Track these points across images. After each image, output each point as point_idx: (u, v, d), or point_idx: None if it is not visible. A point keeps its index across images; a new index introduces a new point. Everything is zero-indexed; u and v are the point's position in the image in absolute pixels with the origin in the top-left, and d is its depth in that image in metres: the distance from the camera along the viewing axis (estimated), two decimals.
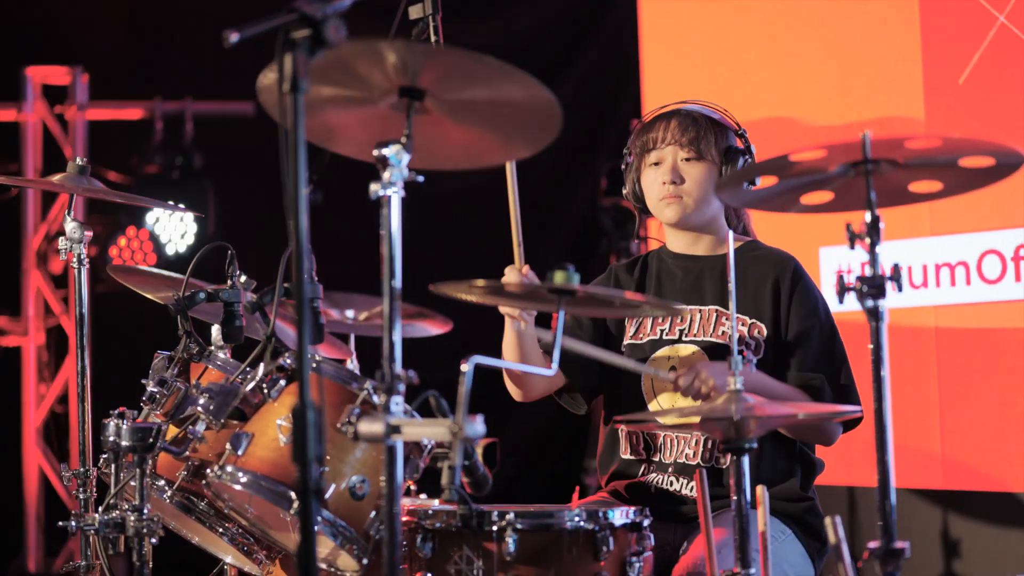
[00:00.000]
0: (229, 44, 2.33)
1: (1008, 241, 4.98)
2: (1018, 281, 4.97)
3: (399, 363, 2.62)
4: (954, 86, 5.11)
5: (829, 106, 5.49)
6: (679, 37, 6.06)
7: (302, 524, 2.31)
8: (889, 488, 2.66)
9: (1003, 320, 5.03)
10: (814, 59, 5.56)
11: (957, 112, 5.10)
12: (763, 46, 5.73)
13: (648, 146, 3.65)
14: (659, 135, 3.64)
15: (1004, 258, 5.01)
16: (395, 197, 2.66)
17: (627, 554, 3.05)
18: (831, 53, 5.51)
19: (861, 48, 5.41)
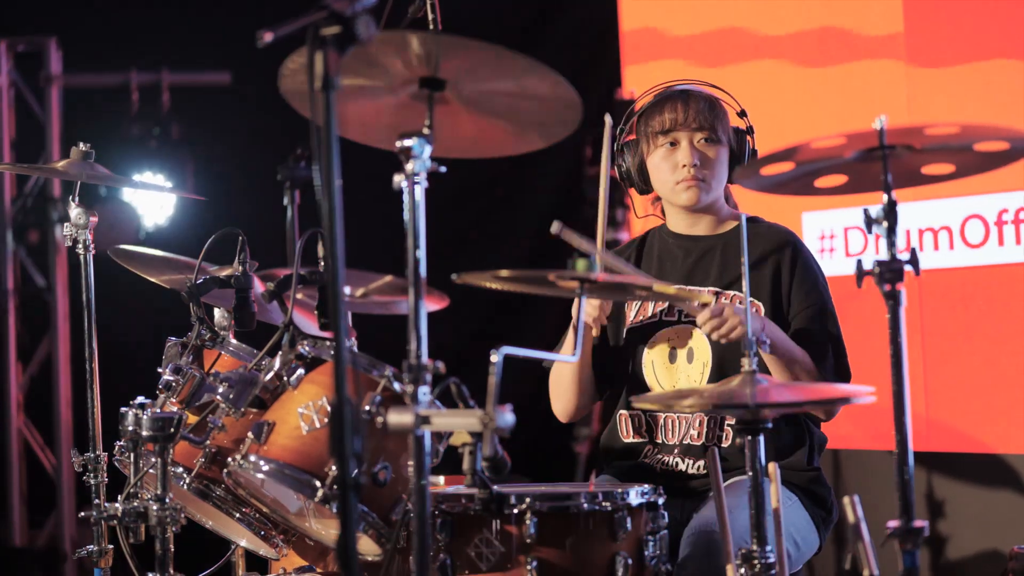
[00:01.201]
0: (264, 44, 2.33)
1: (991, 206, 5.04)
2: (1001, 245, 5.04)
3: (425, 353, 2.64)
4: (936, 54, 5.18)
5: (809, 72, 5.53)
6: (659, 4, 6.09)
7: (342, 518, 2.33)
8: (908, 467, 2.70)
9: (986, 284, 5.09)
10: (795, 22, 5.59)
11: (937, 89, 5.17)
12: (745, 15, 5.76)
13: (662, 127, 3.64)
14: (677, 117, 3.62)
15: (987, 223, 5.07)
16: (418, 188, 2.67)
17: (643, 533, 3.09)
18: (812, 16, 5.55)
19: (843, 14, 5.46)
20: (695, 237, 3.75)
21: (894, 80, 5.29)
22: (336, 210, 2.37)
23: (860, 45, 5.40)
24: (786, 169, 2.81)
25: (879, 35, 5.35)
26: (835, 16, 5.48)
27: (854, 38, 5.42)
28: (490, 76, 2.74)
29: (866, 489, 4.96)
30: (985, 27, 5.08)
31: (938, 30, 5.19)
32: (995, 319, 5.10)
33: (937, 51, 5.19)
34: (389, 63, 2.70)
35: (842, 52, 5.45)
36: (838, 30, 5.47)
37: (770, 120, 4.66)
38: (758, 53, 5.68)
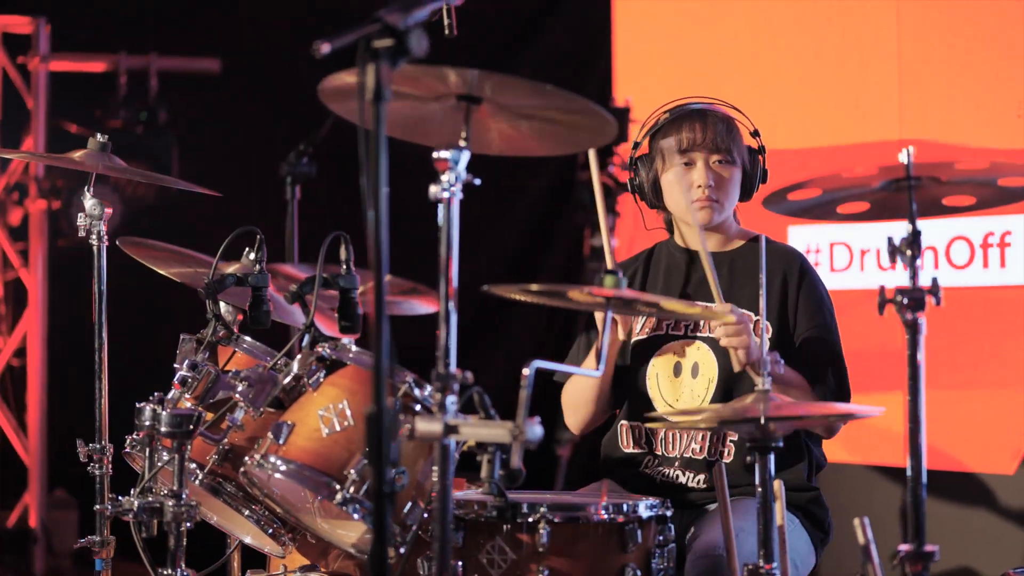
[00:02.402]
0: (321, 55, 2.35)
1: (977, 228, 5.12)
2: (985, 268, 5.11)
3: (454, 362, 2.67)
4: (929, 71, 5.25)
5: (803, 82, 5.59)
6: (652, 11, 6.13)
7: (376, 526, 2.36)
8: (920, 492, 2.76)
9: (969, 306, 5.17)
10: (789, 34, 5.65)
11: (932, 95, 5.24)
12: (738, 23, 5.81)
13: (681, 146, 3.68)
14: (694, 137, 3.66)
15: (973, 245, 5.14)
16: (454, 199, 2.71)
17: (652, 546, 3.14)
18: (807, 27, 5.60)
19: (837, 25, 5.52)
20: None
21: (886, 90, 5.35)
22: (382, 221, 2.39)
23: (854, 52, 5.47)
24: (812, 195, 2.86)
25: (873, 43, 5.41)
26: (830, 24, 5.54)
27: (849, 47, 5.48)
28: (526, 99, 2.78)
29: (846, 503, 5.05)
30: (978, 43, 5.16)
31: (931, 44, 5.26)
32: (976, 340, 5.18)
33: (929, 65, 5.26)
34: (428, 81, 2.73)
35: (836, 60, 5.52)
36: (833, 38, 5.54)
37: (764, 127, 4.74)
38: (751, 61, 5.74)
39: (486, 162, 4.82)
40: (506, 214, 6.75)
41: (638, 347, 3.74)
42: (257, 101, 6.83)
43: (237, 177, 6.38)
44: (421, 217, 3.32)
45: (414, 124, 2.96)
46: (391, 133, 2.99)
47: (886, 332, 5.29)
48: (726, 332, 3.43)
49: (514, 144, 3.05)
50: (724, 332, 3.43)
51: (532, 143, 3.06)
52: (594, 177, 3.55)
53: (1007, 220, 5.05)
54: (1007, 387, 5.09)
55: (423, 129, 2.94)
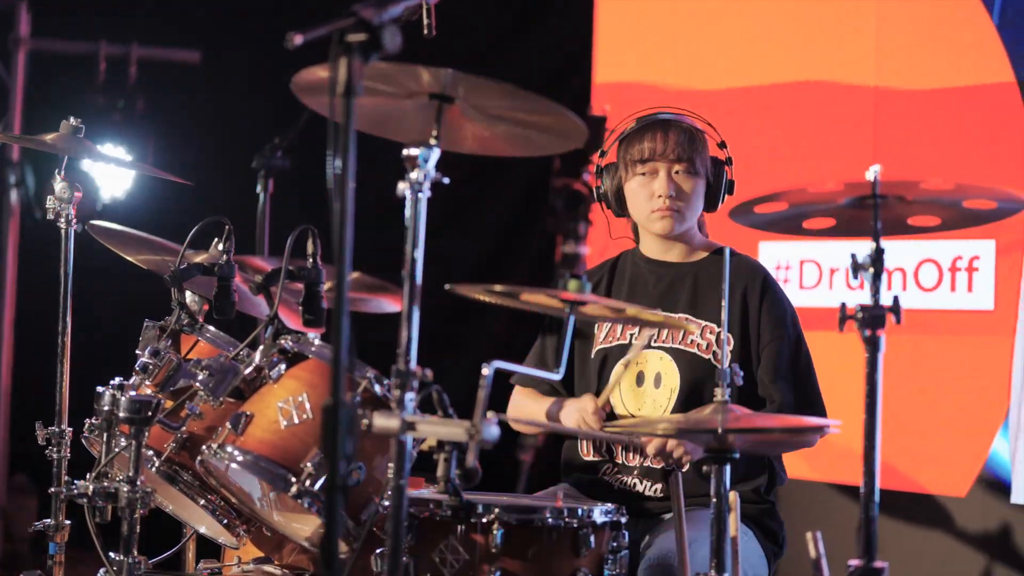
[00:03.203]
0: (293, 47, 2.35)
1: (946, 252, 5.15)
2: (953, 291, 5.14)
3: (414, 359, 2.68)
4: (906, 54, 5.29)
5: (782, 88, 5.62)
6: (634, 17, 6.15)
7: (328, 519, 2.36)
8: (873, 509, 2.77)
9: (934, 328, 5.20)
10: (768, 40, 5.68)
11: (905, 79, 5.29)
12: (719, 36, 5.83)
13: (641, 156, 3.70)
14: (656, 146, 3.68)
15: (941, 268, 5.17)
16: (422, 197, 2.71)
17: (605, 551, 3.15)
18: (785, 34, 5.63)
19: (818, 31, 5.55)
20: (667, 263, 3.81)
21: (863, 117, 5.39)
22: (348, 214, 2.39)
23: (833, 64, 5.50)
24: (779, 209, 2.87)
25: (852, 71, 5.45)
26: (812, 43, 5.57)
27: (831, 74, 5.51)
28: (496, 101, 2.79)
29: (802, 519, 5.07)
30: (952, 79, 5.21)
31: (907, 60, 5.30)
32: (939, 363, 5.20)
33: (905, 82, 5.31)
34: (401, 79, 2.74)
35: (817, 79, 5.55)
36: (812, 50, 5.57)
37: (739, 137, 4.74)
38: (731, 73, 5.76)
39: (462, 164, 4.80)
40: (481, 217, 6.76)
41: (601, 355, 3.75)
42: (236, 94, 6.82)
43: (213, 168, 6.38)
44: (394, 215, 3.34)
45: (388, 120, 2.96)
46: (364, 128, 3.02)
47: (852, 350, 5.34)
48: (661, 460, 3.51)
49: (486, 145, 3.06)
50: (659, 461, 3.52)
51: (503, 145, 3.07)
52: None
53: (976, 245, 5.08)
54: (966, 412, 5.12)
55: (396, 126, 2.95)
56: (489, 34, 6.80)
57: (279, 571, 3.31)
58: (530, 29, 6.82)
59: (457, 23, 6.41)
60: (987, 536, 5.07)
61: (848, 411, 5.21)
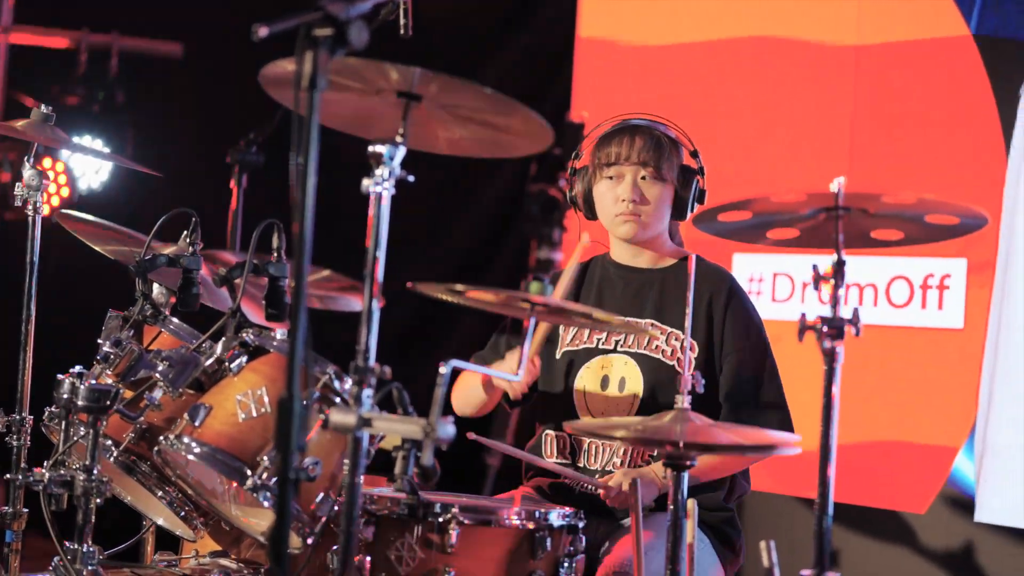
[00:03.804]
0: (259, 39, 2.35)
1: (918, 269, 5.17)
2: (923, 309, 5.16)
3: (373, 356, 2.68)
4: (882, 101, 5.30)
5: (760, 109, 5.64)
6: (615, 29, 6.16)
7: (278, 512, 2.36)
8: (826, 520, 2.78)
9: (904, 345, 5.22)
10: (747, 59, 5.70)
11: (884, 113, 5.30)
12: (697, 47, 5.85)
13: (608, 160, 3.72)
14: (622, 151, 3.70)
15: (913, 285, 5.19)
16: (385, 194, 2.71)
17: (561, 554, 3.15)
18: (765, 58, 5.65)
19: (796, 53, 5.57)
20: (636, 269, 3.82)
21: (839, 136, 5.41)
22: (309, 208, 2.40)
23: (812, 75, 5.52)
24: (743, 217, 2.88)
25: (829, 93, 5.47)
26: (790, 56, 5.60)
27: (807, 70, 5.54)
28: (464, 103, 2.79)
29: (766, 531, 5.08)
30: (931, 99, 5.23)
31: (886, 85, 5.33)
32: (908, 380, 5.23)
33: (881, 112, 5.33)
34: (369, 75, 2.74)
35: (793, 80, 5.57)
36: (791, 62, 5.59)
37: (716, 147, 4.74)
38: (710, 78, 5.78)
39: (438, 167, 4.81)
40: (457, 220, 6.77)
41: (567, 358, 3.76)
42: (216, 88, 6.81)
43: (192, 162, 6.37)
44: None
45: (358, 118, 2.96)
46: (334, 125, 3.02)
47: (821, 361, 5.36)
48: (616, 504, 3.53)
49: (454, 145, 3.06)
50: (615, 504, 3.53)
51: (471, 146, 3.07)
52: None
53: (948, 263, 5.10)
54: (930, 429, 5.15)
55: (366, 124, 2.95)
56: (470, 40, 6.81)
57: (235, 565, 3.30)
58: (513, 32, 6.83)
59: (440, 25, 6.44)
60: (949, 553, 5.09)
61: (811, 420, 5.25)
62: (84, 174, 6.67)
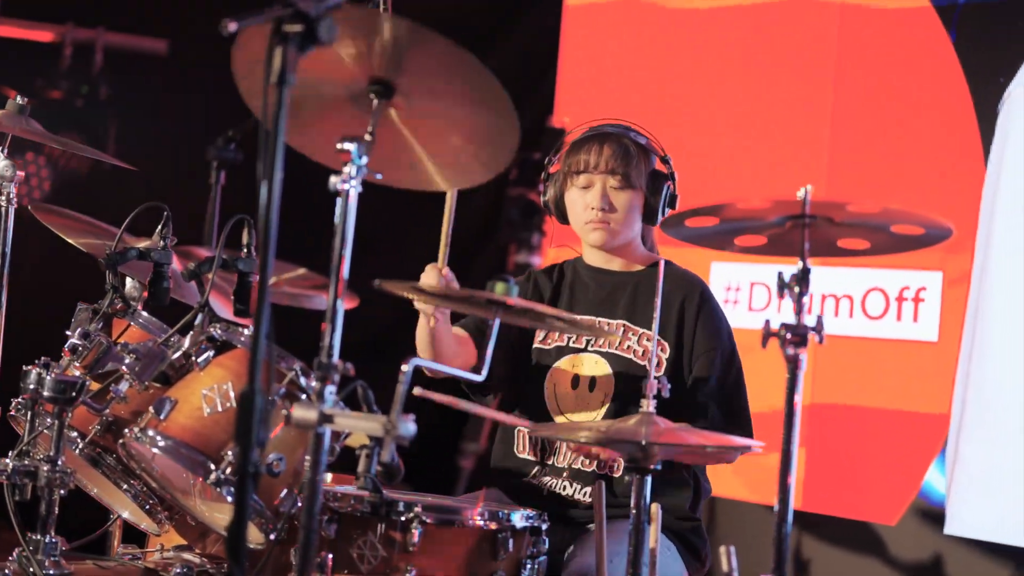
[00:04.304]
0: (228, 33, 2.36)
1: (894, 281, 5.19)
2: (899, 321, 5.18)
3: (337, 353, 2.69)
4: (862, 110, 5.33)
5: (740, 116, 5.66)
6: (599, 36, 6.19)
7: (236, 505, 2.36)
8: (786, 527, 2.79)
9: (879, 357, 5.23)
10: (729, 70, 5.72)
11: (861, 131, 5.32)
12: (681, 60, 5.87)
13: (578, 168, 3.74)
14: (591, 159, 3.72)
15: (888, 297, 5.21)
16: (352, 192, 2.72)
17: (523, 556, 3.16)
18: (745, 66, 5.68)
19: (777, 61, 5.60)
20: (608, 271, 3.85)
21: (818, 148, 5.43)
22: (274, 202, 2.40)
23: (793, 82, 5.55)
24: (710, 223, 2.89)
25: (808, 101, 5.49)
26: (770, 55, 5.62)
27: (788, 78, 5.56)
28: (441, 80, 2.78)
29: (737, 539, 5.09)
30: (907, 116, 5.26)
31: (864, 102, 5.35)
32: (882, 392, 5.24)
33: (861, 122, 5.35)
34: (345, 51, 2.72)
35: (774, 87, 5.59)
36: (772, 70, 5.62)
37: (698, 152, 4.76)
38: (691, 90, 5.80)
39: None
40: (433, 225, 6.77)
41: (539, 356, 3.79)
42: (200, 84, 6.80)
43: (174, 158, 6.36)
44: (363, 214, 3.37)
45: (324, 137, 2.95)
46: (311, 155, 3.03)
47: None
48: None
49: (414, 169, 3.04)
50: None
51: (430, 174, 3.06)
52: None
53: (924, 276, 5.12)
54: (903, 441, 5.16)
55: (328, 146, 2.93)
56: (456, 40, 6.82)
57: (199, 560, 3.31)
58: (497, 37, 6.85)
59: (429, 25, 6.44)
60: (918, 566, 5.11)
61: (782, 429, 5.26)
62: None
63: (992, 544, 4.88)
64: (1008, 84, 4.98)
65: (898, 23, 5.30)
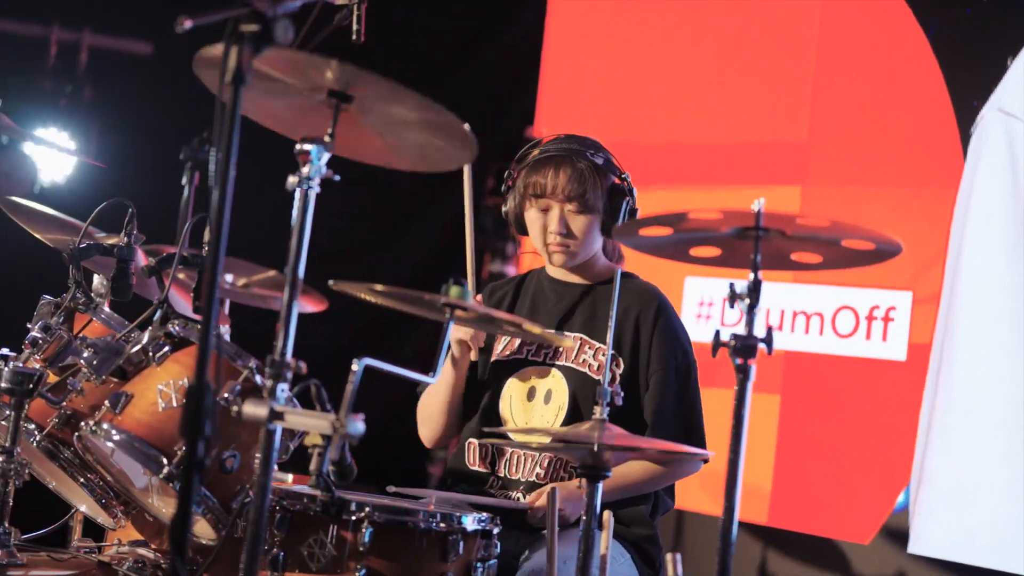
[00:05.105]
0: (182, 30, 2.39)
1: (864, 300, 5.23)
2: (868, 340, 5.22)
3: (290, 351, 2.71)
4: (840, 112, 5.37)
5: (720, 128, 5.70)
6: (581, 48, 6.23)
7: (181, 498, 2.39)
8: (730, 537, 2.82)
9: (848, 375, 5.27)
10: (709, 85, 5.77)
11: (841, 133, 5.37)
12: (661, 72, 5.92)
13: (535, 191, 3.75)
14: (547, 184, 3.72)
15: (859, 316, 5.25)
16: (310, 193, 2.75)
17: (474, 559, 3.18)
18: (727, 79, 5.72)
19: (757, 78, 5.64)
20: (570, 284, 3.87)
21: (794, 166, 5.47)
22: (226, 200, 2.43)
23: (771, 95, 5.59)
24: (664, 233, 2.92)
25: (787, 114, 5.53)
26: (748, 79, 5.66)
27: (767, 91, 5.61)
28: (395, 105, 2.82)
29: (704, 553, 5.12)
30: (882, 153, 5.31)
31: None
32: (850, 410, 5.28)
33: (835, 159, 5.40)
34: (303, 71, 2.77)
35: (752, 100, 5.64)
36: (751, 81, 5.66)
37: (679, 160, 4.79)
38: (670, 108, 5.84)
39: (393, 176, 4.76)
40: (416, 232, 6.82)
41: (496, 368, 3.81)
42: (183, 88, 6.82)
43: (154, 159, 6.37)
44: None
45: (288, 118, 3.00)
46: (267, 124, 3.06)
47: (766, 388, 5.41)
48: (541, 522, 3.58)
49: (380, 155, 3.08)
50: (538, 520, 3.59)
51: (403, 159, 3.10)
52: None
53: (893, 296, 5.16)
54: (875, 460, 5.19)
55: (295, 124, 2.98)
56: (440, 47, 6.87)
57: (153, 555, 3.33)
58: (480, 46, 6.90)
59: (409, 34, 6.49)
60: None
61: (753, 446, 5.29)
62: (48, 167, 6.69)
63: (958, 564, 4.91)
64: (982, 107, 5.03)
65: (878, 26, 5.35)
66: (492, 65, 6.85)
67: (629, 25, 6.09)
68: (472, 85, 6.71)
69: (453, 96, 2.93)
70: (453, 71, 6.75)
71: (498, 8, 6.92)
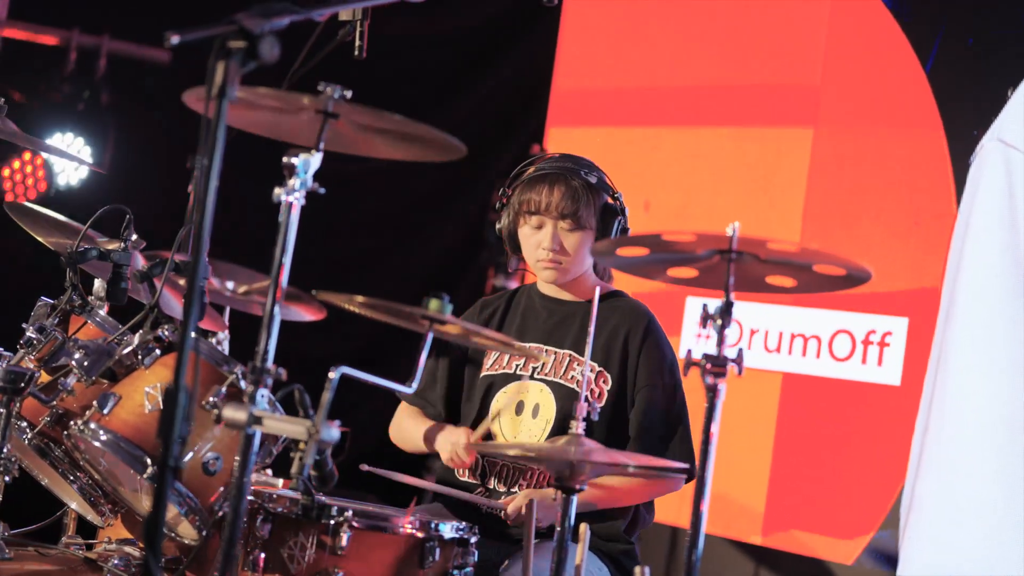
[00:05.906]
0: (171, 45, 2.47)
1: (861, 324, 5.27)
2: (864, 364, 5.26)
3: (271, 358, 2.79)
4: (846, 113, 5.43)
5: (728, 153, 5.76)
6: (591, 68, 6.30)
7: (155, 496, 2.46)
8: (696, 554, 2.88)
9: (844, 398, 5.31)
10: (717, 108, 5.83)
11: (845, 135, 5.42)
12: (673, 91, 5.98)
13: (529, 208, 3.82)
14: (541, 201, 3.80)
15: (855, 340, 5.29)
16: (296, 204, 2.83)
17: (450, 566, 3.25)
18: (733, 103, 5.78)
19: (761, 98, 5.70)
20: (560, 301, 3.93)
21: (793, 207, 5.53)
22: (208, 208, 2.51)
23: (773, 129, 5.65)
24: (641, 254, 2.99)
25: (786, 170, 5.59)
26: (753, 106, 5.72)
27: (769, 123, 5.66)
28: (376, 121, 2.91)
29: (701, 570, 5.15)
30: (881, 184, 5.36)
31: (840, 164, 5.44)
32: (845, 433, 5.32)
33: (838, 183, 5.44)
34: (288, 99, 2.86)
35: (756, 131, 5.69)
36: (756, 108, 5.72)
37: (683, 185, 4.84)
38: (676, 135, 5.90)
39: (406, 191, 4.86)
40: (420, 246, 6.89)
41: (486, 382, 3.88)
42: None
43: (167, 166, 6.46)
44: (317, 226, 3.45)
45: (281, 126, 3.08)
46: (260, 132, 3.14)
47: (762, 409, 5.46)
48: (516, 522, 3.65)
49: (373, 148, 3.16)
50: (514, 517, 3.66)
51: (392, 152, 3.18)
52: None
53: (890, 321, 5.20)
54: (864, 480, 5.23)
55: (285, 131, 3.06)
56: (452, 65, 6.95)
57: (139, 553, 3.40)
58: (492, 65, 6.97)
59: (420, 53, 6.56)
60: None
61: (748, 466, 5.35)
62: (64, 170, 6.79)
63: None
64: (981, 137, 5.07)
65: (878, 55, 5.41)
66: (502, 84, 6.92)
67: (640, 44, 6.15)
68: (483, 101, 6.79)
69: (464, 114, 3.01)
70: (465, 89, 6.83)
71: (511, 26, 7.00)
